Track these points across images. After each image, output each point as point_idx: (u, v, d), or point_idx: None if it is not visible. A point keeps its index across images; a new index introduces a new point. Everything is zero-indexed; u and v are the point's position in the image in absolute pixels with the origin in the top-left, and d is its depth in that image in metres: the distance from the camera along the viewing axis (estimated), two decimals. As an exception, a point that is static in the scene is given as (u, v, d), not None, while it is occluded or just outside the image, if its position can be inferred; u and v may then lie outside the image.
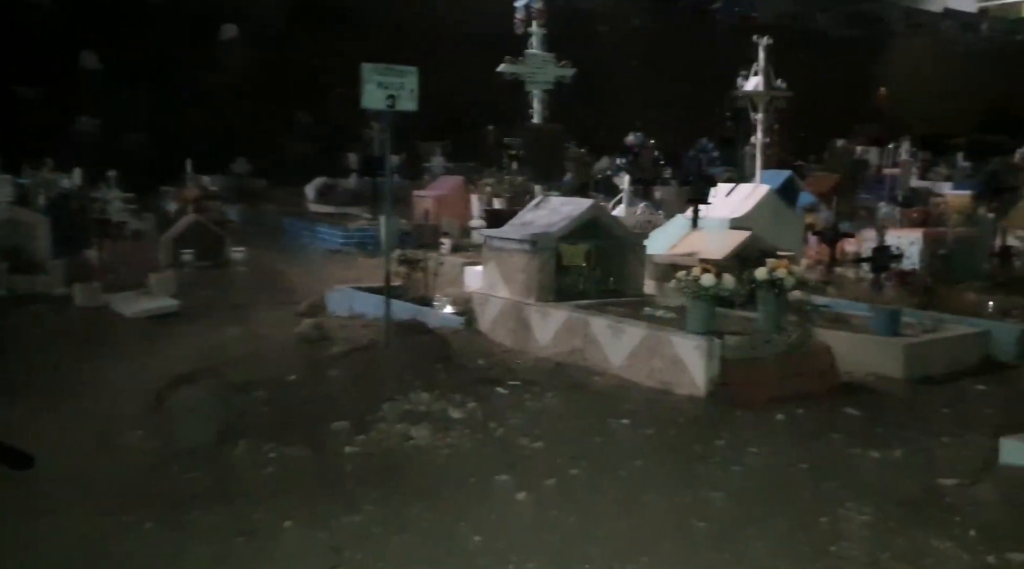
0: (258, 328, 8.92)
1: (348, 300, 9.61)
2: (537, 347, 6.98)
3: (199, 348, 7.90)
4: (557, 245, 7.20)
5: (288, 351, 7.41)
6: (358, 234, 15.43)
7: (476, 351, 7.07)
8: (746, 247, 7.96)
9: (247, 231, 16.56)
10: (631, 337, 6.10)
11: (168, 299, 9.94)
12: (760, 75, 10.23)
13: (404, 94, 6.23)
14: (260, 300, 10.73)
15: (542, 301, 7.11)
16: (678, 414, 5.42)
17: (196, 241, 11.84)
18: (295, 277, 12.75)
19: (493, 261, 7.60)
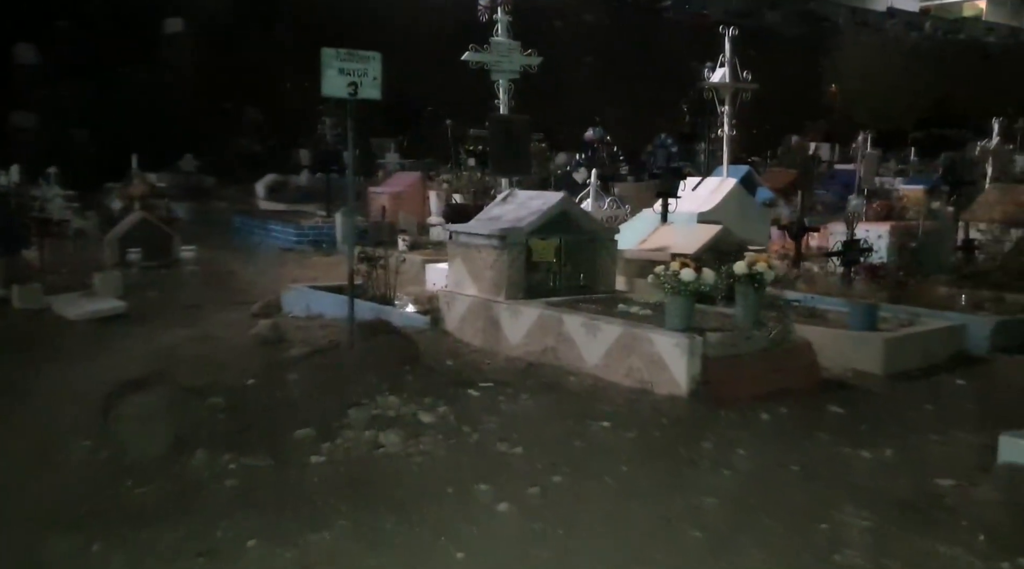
0: (211, 330, 8.50)
1: (305, 300, 9.24)
2: (508, 346, 6.71)
3: (149, 351, 7.47)
4: (527, 240, 6.94)
5: (244, 354, 7.03)
6: (312, 232, 15.01)
7: (444, 352, 6.78)
8: (718, 242, 7.80)
9: (196, 229, 16.00)
10: (607, 335, 5.87)
11: (114, 300, 9.46)
12: (726, 67, 10.09)
13: (367, 81, 5.90)
14: (212, 300, 10.28)
15: (512, 299, 6.85)
16: (660, 415, 5.20)
17: (143, 240, 11.33)
18: (248, 276, 12.30)
19: (459, 258, 7.32)
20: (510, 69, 7.92)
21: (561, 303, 6.76)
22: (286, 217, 16.34)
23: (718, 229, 7.84)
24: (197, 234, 15.17)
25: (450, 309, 7.37)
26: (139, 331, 8.53)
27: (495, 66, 7.87)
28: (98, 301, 9.42)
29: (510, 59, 7.82)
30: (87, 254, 12.40)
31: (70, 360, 7.24)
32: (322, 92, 5.91)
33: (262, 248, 15.14)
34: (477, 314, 7.04)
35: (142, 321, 9.00)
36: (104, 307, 9.17)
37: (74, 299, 9.49)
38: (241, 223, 16.63)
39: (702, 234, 7.80)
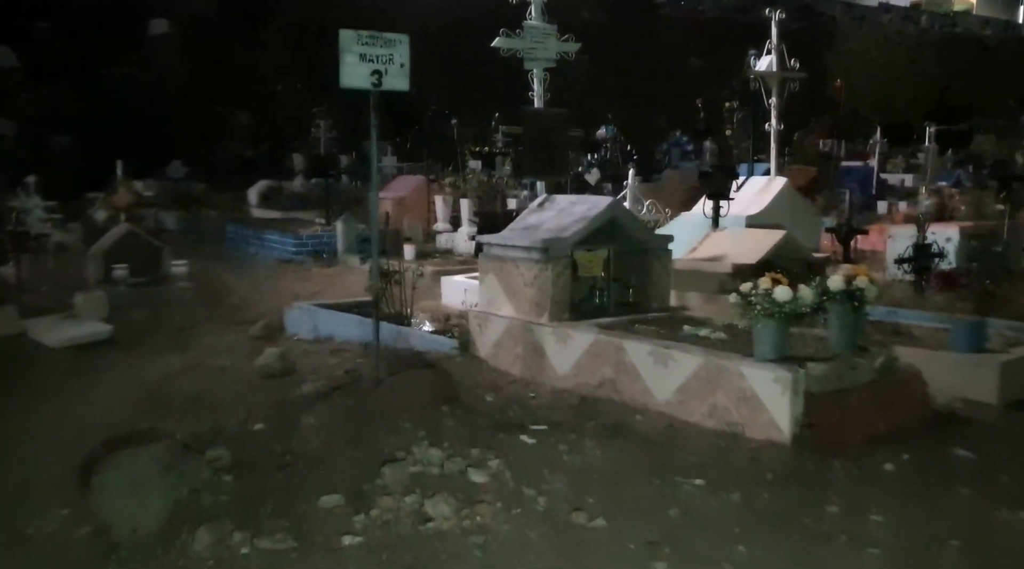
0: (207, 357, 7.56)
1: (311, 319, 8.30)
2: (554, 377, 5.79)
3: (137, 386, 6.52)
4: (572, 252, 6.02)
5: (248, 389, 6.08)
6: (312, 241, 14.05)
7: (481, 384, 5.85)
8: (782, 250, 6.90)
9: (186, 240, 15.01)
10: (682, 366, 4.96)
11: (98, 323, 8.49)
12: (773, 54, 9.20)
13: (393, 69, 4.98)
14: (206, 321, 9.33)
15: (557, 321, 5.92)
16: (762, 468, 4.29)
17: (129, 254, 10.34)
18: (244, 292, 11.34)
19: (492, 273, 6.39)
20: (545, 57, 7.00)
21: (614, 325, 5.85)
22: (282, 225, 15.36)
23: (781, 235, 6.94)
24: (187, 245, 14.19)
25: (482, 332, 6.44)
26: (126, 360, 7.58)
27: (528, 53, 6.95)
28: (80, 325, 8.46)
29: (545, 46, 6.91)
30: (69, 270, 11.40)
31: (46, 398, 6.27)
32: (340, 82, 4.97)
33: (258, 259, 14.16)
34: (516, 338, 6.12)
35: (129, 347, 8.05)
36: (86, 332, 8.21)
37: (53, 322, 8.52)
38: (234, 232, 15.65)
39: (763, 241, 6.89)
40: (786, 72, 9.25)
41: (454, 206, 14.99)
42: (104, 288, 9.82)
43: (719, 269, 6.72)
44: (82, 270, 11.13)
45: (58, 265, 11.52)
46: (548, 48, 6.94)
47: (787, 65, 9.21)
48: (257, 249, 14.68)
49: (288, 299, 10.87)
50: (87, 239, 13.04)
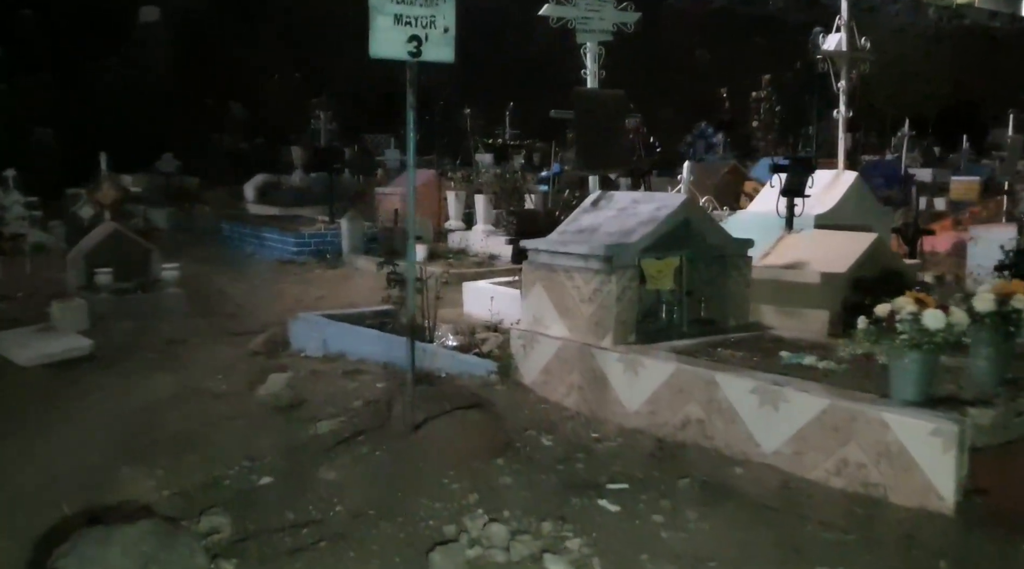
0: (201, 378, 6.54)
1: (320, 332, 7.30)
2: (621, 413, 4.79)
3: (118, 419, 5.50)
4: (639, 261, 5.01)
5: (250, 426, 5.06)
6: (315, 240, 13.02)
7: (531, 421, 4.83)
8: (873, 256, 5.90)
9: (178, 239, 13.97)
10: (799, 409, 3.95)
11: (77, 337, 7.47)
12: (843, 31, 8.18)
13: (435, 35, 3.96)
14: (200, 333, 8.32)
15: (622, 343, 4.92)
16: (927, 552, 3.29)
17: (115, 257, 9.29)
18: (242, 298, 10.32)
19: (540, 285, 5.38)
20: (600, 28, 5.99)
21: (694, 350, 4.85)
22: (282, 223, 14.31)
23: (872, 239, 5.93)
24: (179, 245, 13.15)
25: (527, 354, 5.43)
26: (107, 381, 6.56)
27: (582, 24, 5.94)
28: (56, 338, 7.43)
29: (601, 15, 5.90)
30: (48, 274, 10.38)
31: (6, 436, 5.24)
32: (371, 52, 3.95)
33: (256, 260, 13.13)
34: (570, 364, 5.11)
35: (112, 365, 7.04)
36: (63, 347, 7.19)
37: (26, 336, 7.49)
38: (230, 231, 14.60)
39: (851, 246, 5.89)
40: (856, 52, 8.24)
41: (466, 202, 13.99)
42: (85, 295, 8.79)
43: (804, 279, 5.72)
44: (61, 274, 10.11)
45: (36, 268, 10.49)
46: (604, 18, 5.93)
47: (857, 44, 8.20)
48: (255, 249, 13.65)
49: (291, 307, 9.86)
50: (70, 239, 12.01)
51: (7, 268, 10.09)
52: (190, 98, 22.15)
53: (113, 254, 9.40)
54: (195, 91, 22.93)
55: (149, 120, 19.89)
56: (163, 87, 21.93)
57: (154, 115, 20.57)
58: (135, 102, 20.87)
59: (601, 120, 5.74)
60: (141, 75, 22.40)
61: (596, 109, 5.76)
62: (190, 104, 22.04)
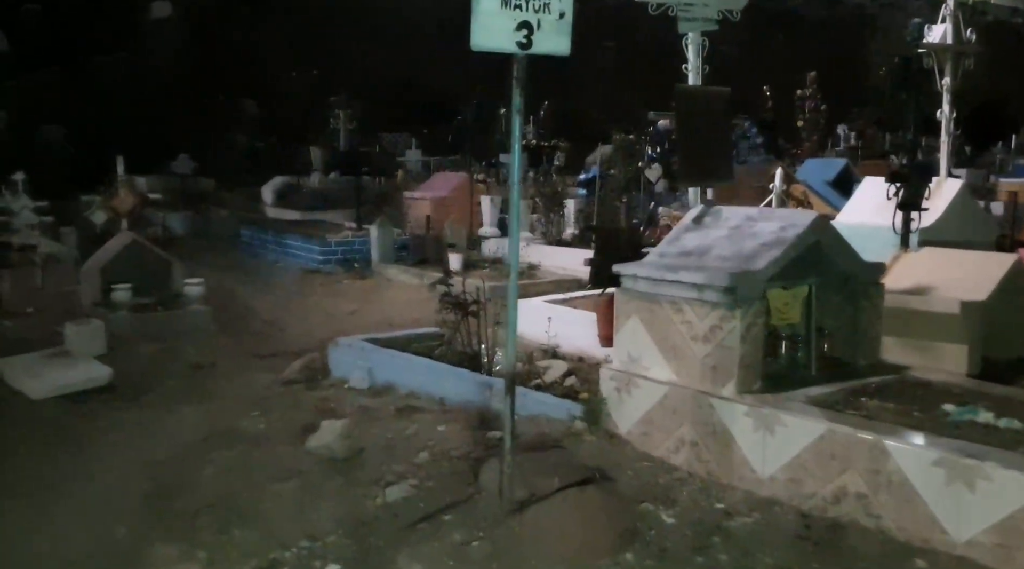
0: (234, 415, 5.79)
1: (364, 359, 6.53)
2: (751, 479, 3.99)
3: (139, 474, 4.73)
4: (766, 292, 4.22)
5: (303, 486, 4.28)
6: (342, 248, 12.25)
7: (642, 488, 4.03)
8: (1011, 280, 5.09)
9: (195, 245, 13.21)
10: (1007, 491, 3.16)
11: (94, 364, 6.72)
12: (948, 22, 7.36)
13: (548, 22, 3.18)
14: (228, 355, 7.58)
15: (746, 392, 4.13)
16: None
17: (133, 270, 8.54)
18: (269, 312, 9.55)
19: (638, 318, 4.58)
20: (704, 16, 5.19)
21: (831, 399, 4.06)
22: (305, 229, 13.55)
23: (1012, 260, 5.12)
24: (197, 251, 12.39)
25: (623, 400, 4.64)
26: (130, 418, 5.81)
27: (684, 11, 5.16)
28: (72, 366, 6.68)
29: (705, 2, 5.10)
30: (60, 287, 9.61)
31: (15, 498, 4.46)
32: (472, 43, 3.17)
33: (279, 269, 12.38)
34: (679, 415, 4.32)
35: (132, 397, 6.30)
36: (79, 378, 6.43)
37: (39, 363, 6.75)
38: (250, 236, 13.85)
39: (988, 268, 5.08)
40: (962, 46, 7.42)
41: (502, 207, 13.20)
42: (101, 313, 8.05)
43: (938, 308, 4.92)
44: (75, 285, 9.35)
45: (47, 281, 9.73)
46: (708, 4, 5.13)
47: (963, 37, 7.39)
48: (278, 256, 12.90)
49: (321, 323, 9.10)
50: (83, 246, 11.26)
51: (16, 281, 9.33)
52: (203, 96, 21.39)
53: (131, 267, 8.65)
54: (208, 88, 22.18)
55: (162, 119, 19.14)
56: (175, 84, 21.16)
57: (166, 113, 19.82)
58: (146, 100, 20.11)
59: (705, 123, 4.94)
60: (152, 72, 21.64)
61: (700, 110, 4.97)
62: (203, 102, 21.29)
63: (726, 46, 28.48)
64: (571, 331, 7.16)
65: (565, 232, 12.13)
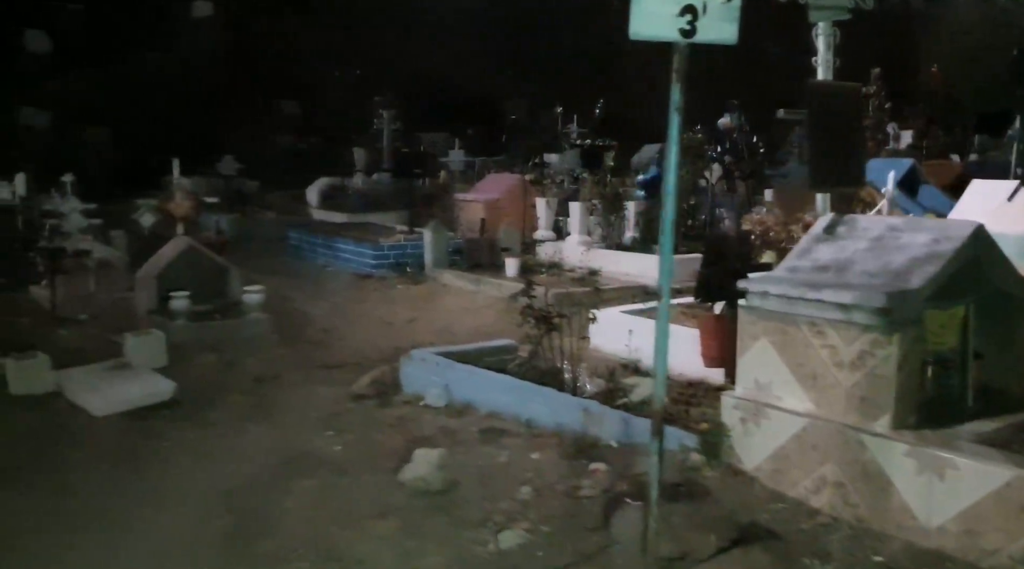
0: (307, 435, 5.45)
1: (439, 374, 6.13)
2: (913, 528, 3.52)
3: (219, 504, 4.36)
4: (924, 313, 3.74)
5: (403, 527, 3.87)
6: (394, 252, 11.86)
7: (784, 536, 3.58)
8: None
9: (243, 248, 12.90)
10: None
11: (156, 379, 6.39)
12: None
13: (713, 6, 2.76)
14: (291, 366, 7.23)
15: (903, 427, 3.65)
16: None
17: (189, 276, 8.23)
18: (325, 320, 9.20)
19: (768, 340, 4.12)
20: (836, 4, 4.73)
21: (1003, 437, 3.58)
22: (354, 232, 13.19)
23: None
24: (246, 256, 12.07)
25: (750, 432, 4.18)
26: (195, 438, 5.46)
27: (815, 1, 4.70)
28: (133, 380, 6.35)
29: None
30: (114, 293, 9.34)
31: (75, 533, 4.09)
32: (631, 32, 2.75)
33: (330, 274, 12.03)
34: (820, 451, 3.85)
35: (196, 413, 5.95)
36: (142, 393, 6.09)
37: (99, 376, 6.43)
38: (299, 239, 13.52)
39: None
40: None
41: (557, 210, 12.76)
42: (158, 321, 7.73)
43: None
44: (128, 291, 9.06)
45: (100, 286, 9.45)
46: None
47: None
48: (328, 261, 12.55)
49: (380, 331, 8.72)
50: (132, 249, 11.00)
51: (69, 287, 9.05)
52: (245, 96, 21.18)
53: (187, 274, 8.33)
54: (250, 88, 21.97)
55: (205, 120, 18.94)
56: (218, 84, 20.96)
57: (209, 114, 19.62)
58: (189, 100, 19.92)
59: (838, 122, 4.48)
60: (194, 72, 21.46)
61: (833, 108, 4.50)
62: (245, 102, 21.07)
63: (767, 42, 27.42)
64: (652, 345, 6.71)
65: (626, 236, 11.65)
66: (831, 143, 4.39)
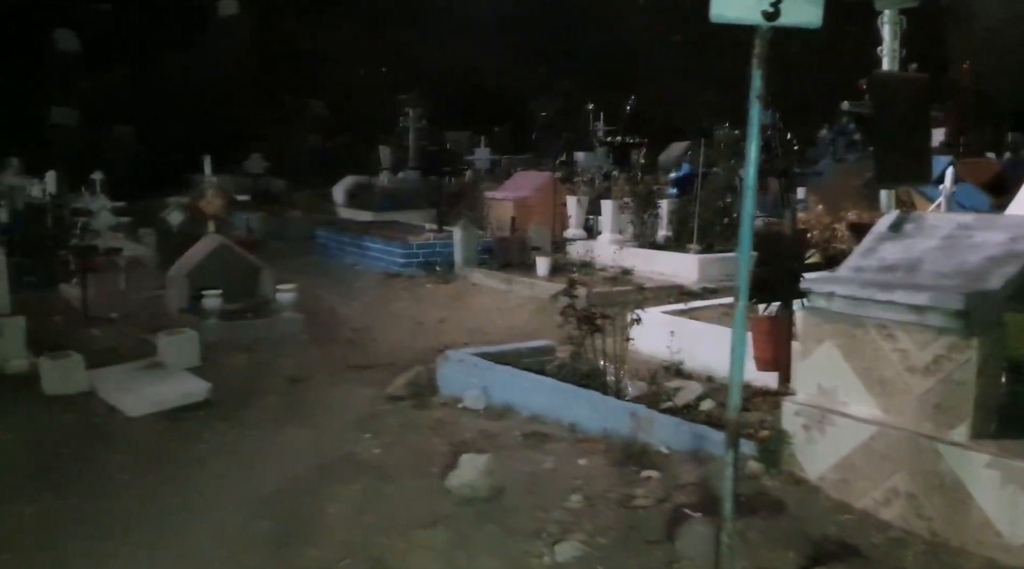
0: (345, 437, 5.34)
1: (477, 376, 5.98)
2: (995, 545, 3.33)
3: (260, 512, 4.23)
4: (1003, 316, 3.54)
5: (454, 537, 3.73)
6: (423, 251, 11.74)
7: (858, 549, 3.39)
8: None
9: (273, 248, 12.83)
10: None
11: (191, 379, 6.30)
12: None
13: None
14: (324, 368, 7.11)
15: (982, 437, 3.46)
16: None
17: (221, 275, 8.14)
18: (357, 319, 9.10)
19: (833, 343, 3.93)
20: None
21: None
22: (383, 230, 13.08)
23: None
24: (275, 254, 12.00)
25: (813, 439, 3.99)
26: (231, 441, 5.35)
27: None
28: (167, 380, 6.26)
29: (903, -26, 4.45)
30: (144, 292, 9.28)
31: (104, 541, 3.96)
32: (711, 14, 2.59)
33: (359, 273, 11.93)
34: (890, 461, 3.66)
35: (232, 414, 5.84)
36: (177, 393, 6.00)
37: (132, 376, 6.35)
38: (327, 238, 13.44)
39: None
40: None
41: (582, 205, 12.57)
42: (190, 320, 7.64)
43: None
44: (158, 290, 9.00)
45: (130, 285, 9.39)
46: (908, -19, 4.48)
47: None
48: (356, 259, 12.45)
49: (411, 331, 8.59)
50: (161, 248, 10.95)
51: (99, 284, 8.98)
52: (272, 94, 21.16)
53: (219, 272, 8.25)
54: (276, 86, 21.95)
55: (232, 118, 18.91)
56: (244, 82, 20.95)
57: (236, 112, 19.60)
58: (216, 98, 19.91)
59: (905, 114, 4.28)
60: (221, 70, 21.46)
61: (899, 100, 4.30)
62: (272, 101, 21.05)
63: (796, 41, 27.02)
64: (695, 346, 6.54)
65: (658, 234, 11.45)
66: (898, 137, 4.19)
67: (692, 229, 10.55)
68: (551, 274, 10.70)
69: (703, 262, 10.05)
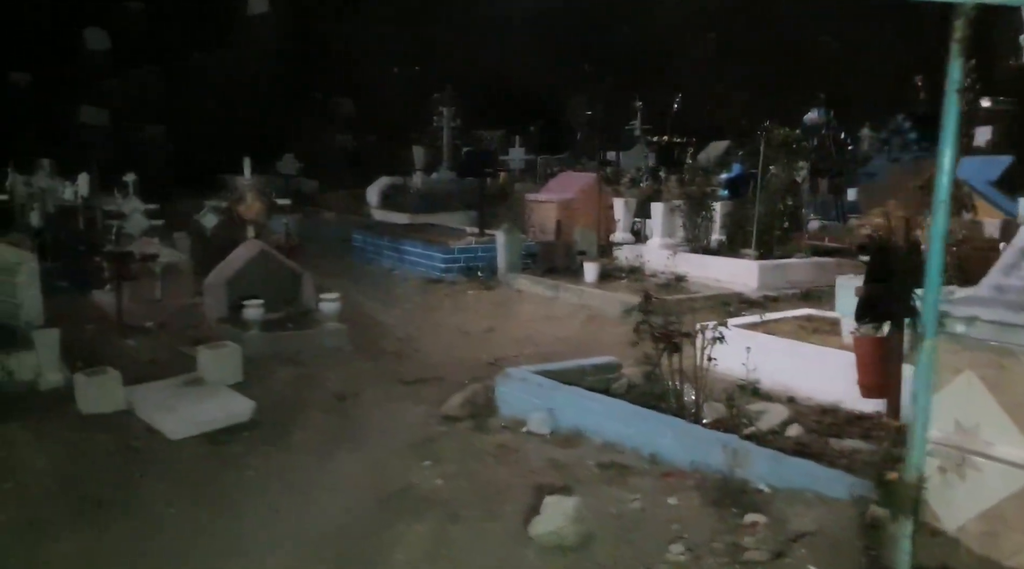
0: (400, 464, 4.93)
1: (541, 397, 5.53)
2: None
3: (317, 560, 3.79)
4: None
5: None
6: (464, 256, 11.30)
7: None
8: None
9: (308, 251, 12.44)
10: None
11: (235, 397, 5.90)
12: None
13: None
14: (371, 383, 6.67)
15: None
16: None
17: (261, 283, 7.74)
18: (400, 328, 8.68)
19: (975, 374, 3.44)
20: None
21: None
22: (422, 234, 12.66)
23: None
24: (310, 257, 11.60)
25: (950, 484, 3.49)
26: (280, 469, 4.93)
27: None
28: (210, 399, 5.85)
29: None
30: (180, 299, 8.89)
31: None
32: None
33: (398, 278, 11.51)
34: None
35: (280, 439, 5.42)
36: (220, 415, 5.59)
37: (172, 393, 5.96)
38: (363, 241, 13.03)
39: None
40: None
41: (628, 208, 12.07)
42: (231, 332, 7.24)
43: None
44: (195, 297, 8.61)
45: (166, 292, 9.01)
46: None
47: None
48: (394, 264, 12.04)
49: (457, 342, 8.14)
50: (195, 252, 10.56)
51: (134, 292, 8.62)
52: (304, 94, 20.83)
53: (259, 280, 7.86)
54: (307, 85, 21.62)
55: (264, 118, 18.60)
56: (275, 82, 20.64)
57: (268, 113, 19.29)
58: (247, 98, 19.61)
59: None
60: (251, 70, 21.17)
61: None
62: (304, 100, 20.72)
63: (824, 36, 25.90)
64: (771, 363, 6.05)
65: (712, 238, 10.94)
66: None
67: (748, 233, 10.05)
68: (600, 280, 10.25)
69: (763, 269, 9.53)
